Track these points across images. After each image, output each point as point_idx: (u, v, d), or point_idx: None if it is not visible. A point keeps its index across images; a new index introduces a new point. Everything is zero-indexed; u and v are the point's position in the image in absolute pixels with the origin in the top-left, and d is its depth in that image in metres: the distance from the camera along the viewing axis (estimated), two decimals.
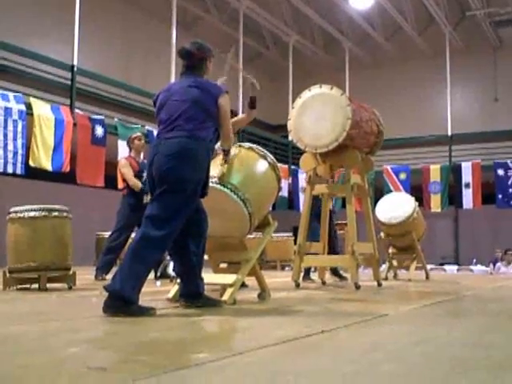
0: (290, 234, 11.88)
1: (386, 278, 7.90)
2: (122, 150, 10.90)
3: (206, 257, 4.63)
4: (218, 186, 4.25)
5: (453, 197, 16.90)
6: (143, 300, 4.65)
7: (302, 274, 6.67)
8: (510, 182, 16.51)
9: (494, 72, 18.95)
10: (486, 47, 18.98)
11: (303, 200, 6.73)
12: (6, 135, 10.17)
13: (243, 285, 4.83)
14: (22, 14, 12.96)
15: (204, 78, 4.05)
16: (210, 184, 4.19)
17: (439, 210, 16.80)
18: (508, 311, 4.30)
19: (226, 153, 4.21)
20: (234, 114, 4.43)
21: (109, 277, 7.20)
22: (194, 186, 3.78)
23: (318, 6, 17.13)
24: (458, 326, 3.36)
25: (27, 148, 10.54)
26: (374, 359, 2.29)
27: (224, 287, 4.37)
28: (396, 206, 8.06)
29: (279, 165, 4.83)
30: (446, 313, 4.20)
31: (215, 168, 4.33)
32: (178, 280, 4.38)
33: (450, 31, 17.92)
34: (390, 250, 8.41)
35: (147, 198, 7.33)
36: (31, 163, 10.59)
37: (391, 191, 14.65)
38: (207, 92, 3.92)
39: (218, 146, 4.28)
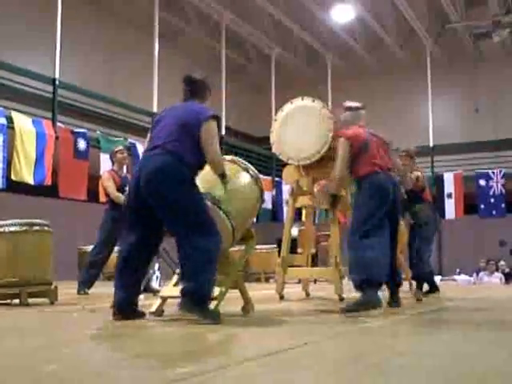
0: (274, 245, 11.87)
1: None
2: (105, 163, 10.85)
3: None
4: None
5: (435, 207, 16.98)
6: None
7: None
8: (491, 192, 16.68)
9: (475, 83, 19.18)
10: (466, 59, 19.21)
11: (286, 212, 6.72)
12: None
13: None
14: (3, 27, 12.90)
15: (199, 104, 4.18)
16: None
17: None
18: (490, 321, 4.31)
19: (222, 177, 4.13)
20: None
21: (91, 291, 7.16)
22: (188, 203, 3.87)
23: (300, 19, 17.25)
24: (440, 337, 3.37)
25: (8, 162, 10.46)
26: (356, 371, 2.29)
27: None
28: None
29: (263, 177, 4.84)
30: (429, 324, 4.21)
31: (198, 180, 4.33)
32: (160, 294, 4.39)
33: (431, 44, 18.13)
34: None
35: None
36: (13, 177, 10.51)
37: None
38: (195, 116, 4.00)
39: None
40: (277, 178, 16.69)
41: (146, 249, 4.10)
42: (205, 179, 4.22)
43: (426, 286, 7.09)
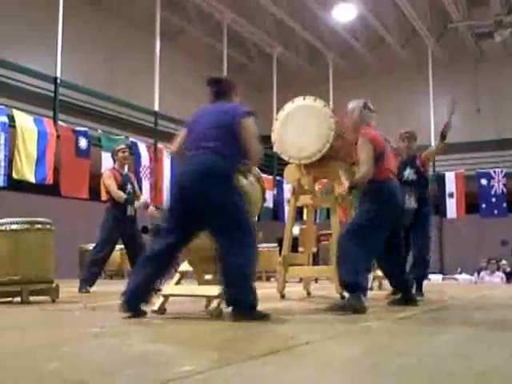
0: (275, 244, 11.87)
1: (372, 289, 7.89)
2: (106, 161, 10.86)
3: (190, 268, 4.64)
4: None
5: (437, 206, 17.00)
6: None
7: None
8: (493, 192, 16.68)
9: (476, 83, 19.18)
10: (467, 59, 19.20)
11: (287, 211, 6.73)
12: None
13: None
14: (5, 26, 12.91)
15: (230, 103, 4.24)
16: None
17: None
18: (490, 321, 4.31)
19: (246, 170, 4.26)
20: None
21: (93, 289, 7.17)
22: (239, 203, 3.94)
23: (301, 19, 17.25)
24: (440, 337, 3.37)
25: (10, 160, 10.47)
26: (356, 371, 2.29)
27: (209, 299, 4.36)
28: None
29: (264, 176, 4.85)
30: (429, 323, 4.21)
31: None
32: (163, 292, 4.40)
33: (433, 43, 18.12)
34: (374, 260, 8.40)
35: (131, 210, 7.33)
36: (14, 175, 10.52)
37: None
38: (230, 116, 4.06)
39: None
40: (278, 177, 16.68)
41: (177, 252, 4.16)
42: None
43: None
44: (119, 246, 8.11)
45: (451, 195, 16.82)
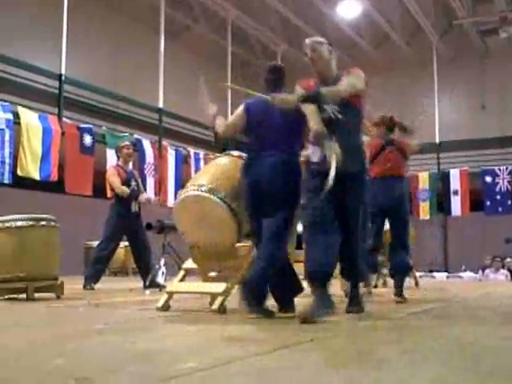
0: None
1: (376, 286, 7.89)
2: (111, 158, 10.87)
3: (195, 266, 4.63)
4: (207, 195, 4.25)
5: (441, 204, 16.96)
6: (132, 309, 4.64)
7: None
8: (497, 189, 16.63)
9: (481, 80, 19.11)
10: (472, 55, 19.14)
11: None
12: None
13: None
14: (10, 23, 12.92)
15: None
16: (199, 192, 4.22)
17: (428, 217, 16.87)
18: (496, 318, 4.30)
19: None
20: None
21: (97, 286, 7.19)
22: (297, 200, 4.15)
23: (306, 16, 17.22)
24: (445, 334, 3.36)
25: (15, 157, 10.49)
26: (361, 368, 2.29)
27: (213, 296, 4.36)
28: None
29: None
30: (435, 320, 4.20)
31: (206, 176, 4.37)
32: (167, 289, 4.40)
33: (438, 40, 18.07)
34: (380, 258, 8.40)
35: (135, 206, 7.34)
36: (19, 172, 10.54)
37: None
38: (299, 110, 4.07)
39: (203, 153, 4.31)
40: None
41: None
42: (214, 178, 4.25)
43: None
44: (124, 243, 8.12)
45: (456, 193, 16.79)
